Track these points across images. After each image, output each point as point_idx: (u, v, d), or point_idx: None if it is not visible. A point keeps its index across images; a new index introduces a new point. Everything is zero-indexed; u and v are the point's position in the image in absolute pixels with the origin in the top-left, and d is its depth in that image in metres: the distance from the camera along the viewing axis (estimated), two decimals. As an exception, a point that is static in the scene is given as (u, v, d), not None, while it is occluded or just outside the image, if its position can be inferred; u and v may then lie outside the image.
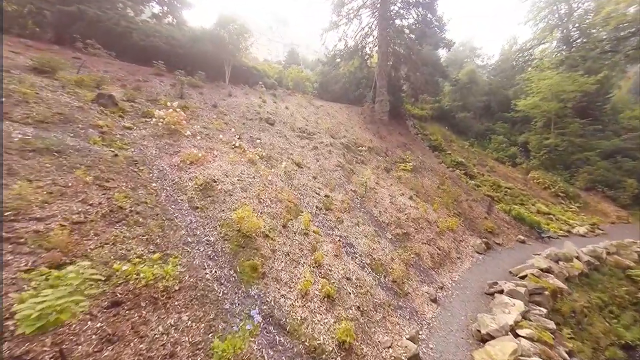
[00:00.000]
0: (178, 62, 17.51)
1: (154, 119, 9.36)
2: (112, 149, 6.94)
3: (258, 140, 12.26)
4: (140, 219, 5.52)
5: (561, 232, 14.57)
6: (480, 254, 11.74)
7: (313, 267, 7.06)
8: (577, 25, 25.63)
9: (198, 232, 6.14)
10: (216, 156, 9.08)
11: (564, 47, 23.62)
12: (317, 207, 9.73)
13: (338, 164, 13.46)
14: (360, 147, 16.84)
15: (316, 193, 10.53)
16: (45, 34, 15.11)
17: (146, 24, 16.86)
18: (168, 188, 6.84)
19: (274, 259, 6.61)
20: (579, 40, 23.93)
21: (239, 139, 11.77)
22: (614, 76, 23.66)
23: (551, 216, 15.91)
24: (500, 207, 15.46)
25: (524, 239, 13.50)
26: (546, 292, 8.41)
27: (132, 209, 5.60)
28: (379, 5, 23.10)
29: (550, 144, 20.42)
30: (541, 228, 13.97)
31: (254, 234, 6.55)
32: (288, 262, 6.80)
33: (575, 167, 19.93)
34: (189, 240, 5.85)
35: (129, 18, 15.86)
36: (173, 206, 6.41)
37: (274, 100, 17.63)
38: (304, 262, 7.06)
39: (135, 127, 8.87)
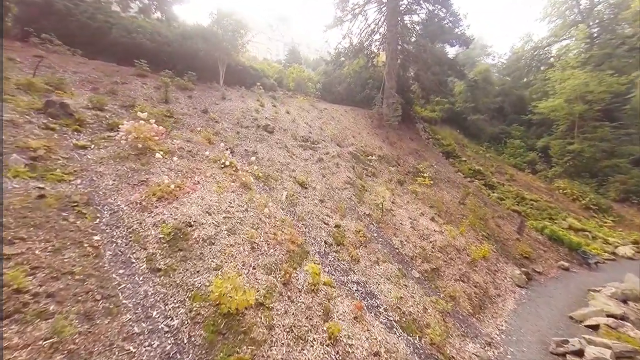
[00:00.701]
0: (166, 61, 15.28)
1: (120, 134, 7.20)
2: (40, 185, 4.78)
3: (254, 155, 10.09)
4: (52, 307, 3.37)
5: (605, 254, 12.43)
6: (522, 287, 9.59)
7: (327, 346, 4.94)
8: (597, 21, 23.36)
9: (155, 313, 4.00)
10: (198, 183, 6.92)
11: (586, 45, 21.29)
12: (326, 242, 7.59)
13: (347, 180, 11.28)
14: (369, 157, 14.65)
15: (324, 223, 8.38)
16: (13, 29, 12.95)
17: (129, 18, 14.58)
18: (119, 241, 4.69)
19: (272, 341, 4.48)
20: (601, 37, 21.67)
21: (230, 153, 9.61)
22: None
23: (587, 233, 13.80)
24: (530, 225, 13.31)
25: (567, 265, 11.36)
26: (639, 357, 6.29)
27: (41, 289, 3.45)
28: (387, 1, 20.79)
29: (574, 149, 18.23)
30: (586, 252, 11.82)
31: (241, 311, 4.41)
32: (292, 342, 4.67)
33: (604, 176, 17.76)
34: (136, 330, 3.71)
35: (107, 12, 13.61)
36: (121, 271, 4.27)
37: (273, 103, 15.43)
38: (314, 339, 4.93)
39: (92, 146, 6.72)
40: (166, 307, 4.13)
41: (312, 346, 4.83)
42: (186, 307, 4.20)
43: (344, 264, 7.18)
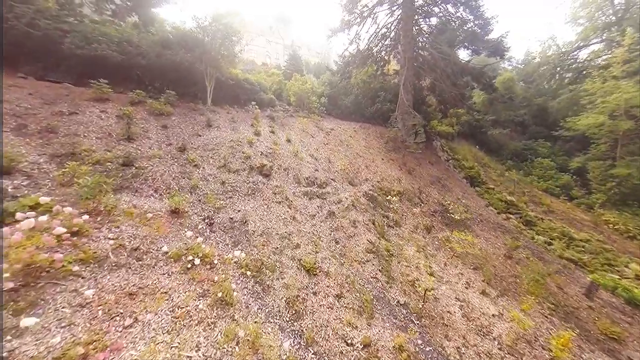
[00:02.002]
0: (140, 77, 12.02)
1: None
2: None
3: (243, 227, 6.97)
4: None
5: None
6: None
7: None
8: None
9: None
10: (135, 322, 3.82)
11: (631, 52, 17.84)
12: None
13: (369, 247, 8.19)
14: (388, 196, 11.52)
15: (346, 343, 5.33)
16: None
17: (88, 24, 11.19)
18: None
19: None
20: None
21: (208, 227, 6.53)
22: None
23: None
24: (593, 279, 10.27)
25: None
26: None
27: None
28: (401, 1, 17.38)
29: (619, 174, 15.17)
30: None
31: None
32: None
33: (658, 207, 14.75)
34: None
35: (55, 16, 10.23)
36: None
37: (271, 127, 12.18)
38: None
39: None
40: None
41: None
42: None
43: None
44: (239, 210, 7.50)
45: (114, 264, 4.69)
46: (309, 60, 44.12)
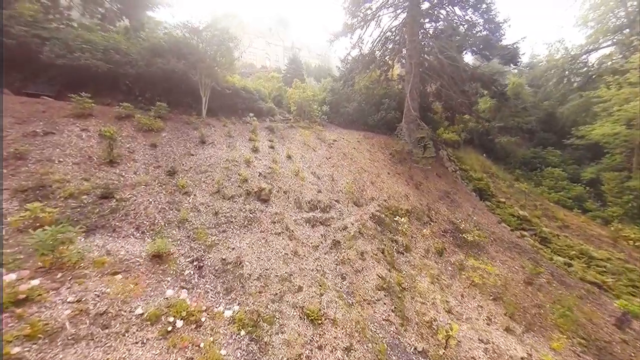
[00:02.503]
0: (130, 87, 11.05)
1: None
2: None
3: (237, 269, 6.01)
4: None
5: None
6: None
7: None
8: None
9: None
10: None
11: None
12: None
13: (379, 283, 7.24)
14: (396, 216, 10.56)
15: None
16: None
17: (70, 31, 10.11)
18: None
19: None
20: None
21: (197, 270, 5.61)
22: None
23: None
24: (620, 306, 9.35)
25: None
26: None
27: None
28: (407, 4, 16.31)
29: (636, 186, 14.22)
30: None
31: None
32: None
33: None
34: None
35: (32, 22, 9.16)
36: None
37: (270, 142, 11.17)
38: None
39: None
40: None
41: None
42: None
43: None
44: (233, 248, 6.53)
45: (71, 337, 3.75)
46: (310, 62, 42.96)
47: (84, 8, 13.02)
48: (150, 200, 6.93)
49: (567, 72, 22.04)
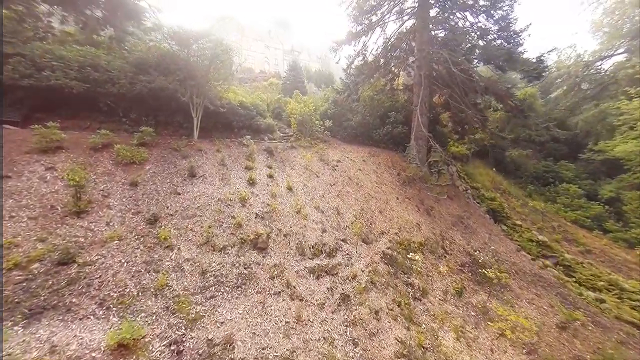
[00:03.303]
0: (113, 108, 9.64)
1: None
2: None
3: (226, 353, 4.71)
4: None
5: None
6: None
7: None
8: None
9: None
10: None
11: None
12: None
13: (398, 350, 5.97)
14: (410, 252, 9.28)
15: None
16: None
17: (38, 46, 8.56)
18: None
19: None
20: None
21: (175, 355, 4.29)
22: None
23: None
24: None
25: None
26: None
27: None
28: (416, 10, 14.86)
29: (660, 208, 13.01)
30: None
31: None
32: None
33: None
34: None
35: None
36: None
37: (269, 169, 9.78)
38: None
39: None
40: None
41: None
42: None
43: None
44: (222, 322, 5.23)
45: None
46: (310, 66, 41.31)
47: (62, 16, 11.53)
48: (123, 261, 5.60)
49: (578, 79, 20.62)
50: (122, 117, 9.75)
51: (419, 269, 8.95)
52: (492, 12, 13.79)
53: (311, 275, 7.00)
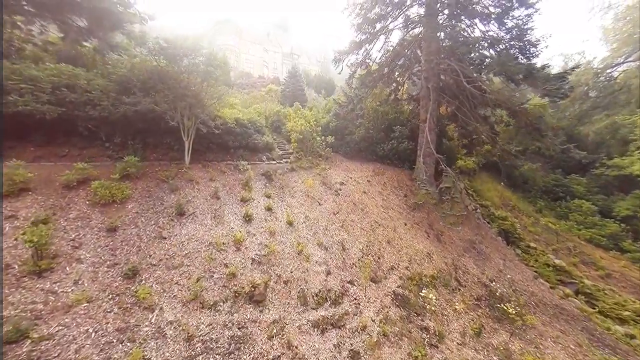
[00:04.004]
0: (94, 132, 8.64)
1: None
2: None
3: None
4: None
5: None
6: None
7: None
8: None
9: None
10: None
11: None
12: None
13: None
14: (422, 289, 8.35)
15: None
16: None
17: (6, 65, 7.53)
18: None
19: None
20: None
21: None
22: None
23: None
24: None
25: None
26: None
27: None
28: (423, 19, 13.88)
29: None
30: None
31: None
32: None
33: None
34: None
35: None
36: None
37: (267, 199, 8.78)
38: None
39: None
40: None
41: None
42: None
43: None
44: (211, 416, 4.29)
45: None
46: (309, 70, 40.23)
47: (41, 26, 10.48)
48: (91, 330, 4.64)
49: (586, 88, 19.71)
50: (105, 142, 8.72)
51: (433, 308, 8.03)
52: (504, 20, 12.84)
53: (315, 329, 6.06)
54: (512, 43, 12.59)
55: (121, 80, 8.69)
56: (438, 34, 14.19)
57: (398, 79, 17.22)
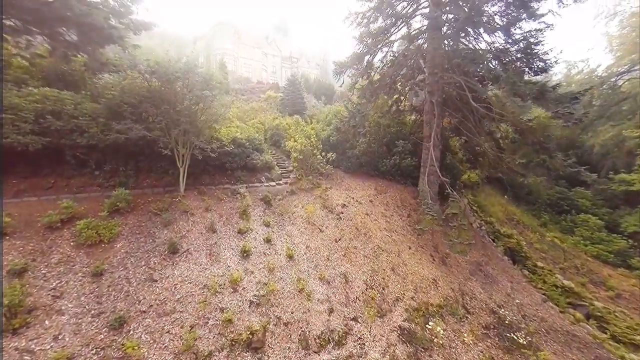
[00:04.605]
0: (82, 161, 8.17)
1: None
2: None
3: None
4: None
5: None
6: None
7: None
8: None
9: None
10: None
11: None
12: None
13: None
14: (429, 319, 7.94)
15: None
16: None
17: None
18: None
19: None
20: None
21: None
22: None
23: None
24: None
25: None
26: None
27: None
28: (426, 28, 13.44)
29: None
30: None
31: None
32: None
33: None
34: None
35: None
36: None
37: (266, 231, 8.26)
38: None
39: None
40: None
41: None
42: None
43: None
44: None
45: None
46: (309, 74, 39.70)
47: (27, 41, 9.93)
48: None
49: (592, 97, 19.30)
50: (95, 170, 8.25)
51: (440, 341, 7.62)
52: (510, 31, 12.38)
53: (317, 384, 5.64)
54: (519, 56, 12.19)
55: (111, 104, 8.18)
56: (442, 45, 13.77)
57: (400, 89, 16.77)
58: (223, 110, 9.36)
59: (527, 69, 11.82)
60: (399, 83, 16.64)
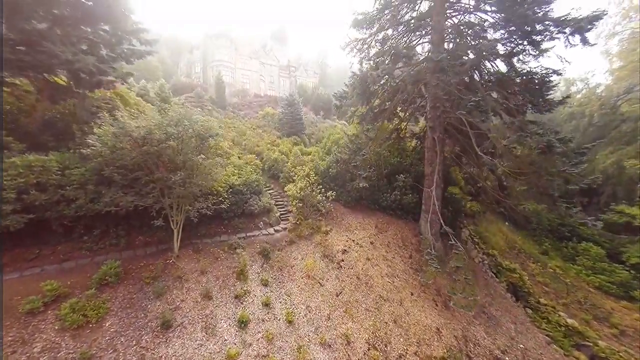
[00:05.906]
0: (69, 228, 7.70)
1: None
2: None
3: None
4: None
5: None
6: None
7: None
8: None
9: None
10: None
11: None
12: None
13: None
14: (435, 387, 7.67)
15: None
16: None
17: None
18: None
19: None
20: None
21: None
22: None
23: None
24: None
25: None
26: None
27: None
28: (426, 58, 13.09)
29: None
30: None
31: None
32: None
33: None
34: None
35: None
36: None
37: (265, 292, 7.86)
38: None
39: None
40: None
41: None
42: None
43: None
44: None
45: None
46: (306, 84, 39.24)
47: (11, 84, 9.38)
48: None
49: (593, 119, 19.03)
50: (83, 235, 7.80)
51: (445, 406, 7.37)
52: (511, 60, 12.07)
53: None
54: (522, 86, 11.88)
55: (100, 168, 7.59)
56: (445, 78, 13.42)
57: (400, 114, 16.44)
58: (218, 170, 8.88)
59: (528, 104, 11.59)
60: (399, 108, 16.32)
